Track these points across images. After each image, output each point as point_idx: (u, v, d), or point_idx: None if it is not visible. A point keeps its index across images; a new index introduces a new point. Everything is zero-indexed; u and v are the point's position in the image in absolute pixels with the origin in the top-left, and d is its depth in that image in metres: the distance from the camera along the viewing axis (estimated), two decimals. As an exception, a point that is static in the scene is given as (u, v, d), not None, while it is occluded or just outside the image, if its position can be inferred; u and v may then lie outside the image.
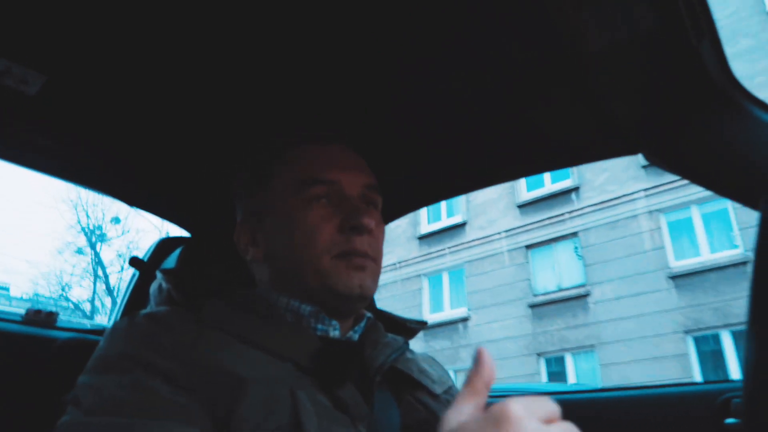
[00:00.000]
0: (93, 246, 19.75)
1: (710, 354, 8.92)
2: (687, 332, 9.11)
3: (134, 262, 1.30)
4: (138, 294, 1.31)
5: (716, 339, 8.82)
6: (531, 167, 1.19)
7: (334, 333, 0.81)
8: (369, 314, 0.90)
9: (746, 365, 0.54)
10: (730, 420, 1.13)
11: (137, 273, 1.33)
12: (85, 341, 1.10)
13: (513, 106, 1.00)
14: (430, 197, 1.37)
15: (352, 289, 0.78)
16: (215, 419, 0.62)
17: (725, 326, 8.68)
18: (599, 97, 0.89)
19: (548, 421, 0.43)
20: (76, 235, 20.31)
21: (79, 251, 20.06)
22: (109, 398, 0.61)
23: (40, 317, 1.20)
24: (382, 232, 0.88)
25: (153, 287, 0.88)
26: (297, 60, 0.93)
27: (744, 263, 8.77)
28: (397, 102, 1.04)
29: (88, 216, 20.42)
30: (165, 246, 1.33)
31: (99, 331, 1.29)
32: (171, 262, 1.23)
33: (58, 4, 0.81)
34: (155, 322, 0.70)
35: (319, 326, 0.80)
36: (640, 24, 0.70)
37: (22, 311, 1.23)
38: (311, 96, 1.03)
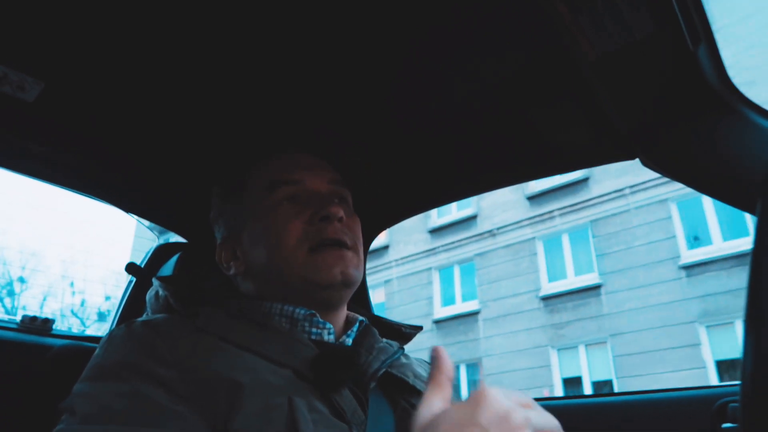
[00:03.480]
0: (1, 300, 21.61)
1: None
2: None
3: (131, 268, 1.29)
4: (134, 301, 1.30)
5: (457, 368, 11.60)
6: (528, 173, 1.19)
7: (329, 337, 0.81)
8: (362, 318, 0.90)
9: (743, 370, 0.54)
10: (727, 425, 1.13)
11: (133, 279, 1.32)
12: (81, 348, 1.09)
13: (510, 112, 1.01)
14: (429, 202, 1.37)
15: (333, 278, 0.79)
16: (213, 427, 0.62)
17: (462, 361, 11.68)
18: (596, 103, 0.90)
19: (525, 405, 0.48)
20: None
21: (-10, 305, 21.95)
22: (105, 406, 0.61)
23: (36, 324, 1.19)
24: (357, 223, 0.89)
25: (149, 294, 0.87)
26: (295, 66, 0.93)
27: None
28: (395, 107, 1.04)
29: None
30: (162, 252, 1.33)
31: (95, 339, 1.28)
32: (168, 268, 1.23)
33: (55, 11, 0.81)
34: (153, 330, 0.70)
35: (314, 330, 0.80)
36: (638, 29, 0.70)
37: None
38: (311, 102, 1.03)
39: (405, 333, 0.97)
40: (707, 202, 9.62)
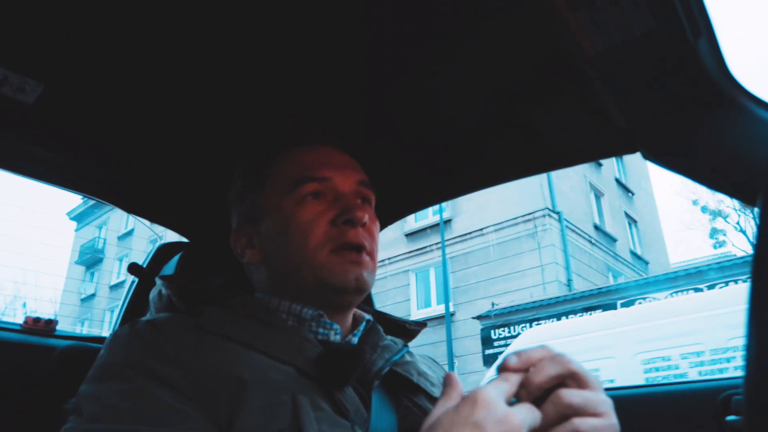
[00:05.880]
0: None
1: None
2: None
3: (133, 268, 1.30)
4: (137, 301, 1.30)
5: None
6: (530, 168, 1.19)
7: (335, 337, 0.81)
8: (368, 317, 0.90)
9: (747, 362, 0.53)
10: (730, 417, 1.13)
11: (136, 280, 1.32)
12: (84, 349, 1.09)
13: (512, 107, 1.00)
14: (430, 199, 1.37)
15: (348, 282, 0.79)
16: (217, 425, 0.62)
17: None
18: (597, 97, 0.89)
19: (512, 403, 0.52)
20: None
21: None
22: (111, 406, 0.61)
23: (40, 325, 1.19)
24: (377, 228, 0.88)
25: (153, 294, 0.87)
26: (294, 64, 0.93)
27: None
28: (395, 104, 1.04)
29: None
30: (164, 252, 1.33)
31: (99, 339, 1.29)
32: (170, 268, 1.23)
33: (55, 13, 0.81)
34: (156, 329, 0.70)
35: (321, 330, 0.80)
36: (638, 23, 0.70)
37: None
38: (309, 100, 1.03)
39: (409, 330, 0.97)
40: (432, 274, 13.47)
